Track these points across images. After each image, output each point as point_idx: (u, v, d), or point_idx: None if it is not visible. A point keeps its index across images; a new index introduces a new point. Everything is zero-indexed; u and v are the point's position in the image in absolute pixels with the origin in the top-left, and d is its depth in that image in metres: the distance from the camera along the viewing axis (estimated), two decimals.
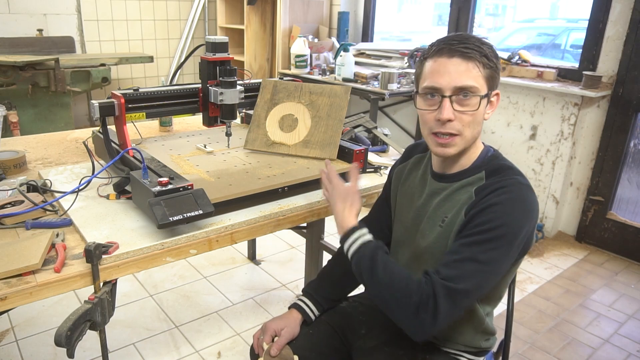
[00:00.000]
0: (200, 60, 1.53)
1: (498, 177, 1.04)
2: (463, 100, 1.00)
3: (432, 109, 1.02)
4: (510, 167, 1.07)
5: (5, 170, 1.47)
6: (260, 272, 2.65)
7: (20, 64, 3.09)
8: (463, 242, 0.99)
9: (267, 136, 1.62)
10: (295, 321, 1.23)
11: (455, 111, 1.00)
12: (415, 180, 1.21)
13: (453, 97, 0.99)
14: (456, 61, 0.99)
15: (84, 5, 3.94)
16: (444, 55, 1.00)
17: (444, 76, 0.99)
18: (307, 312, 1.25)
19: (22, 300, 0.96)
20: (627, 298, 2.52)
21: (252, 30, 4.15)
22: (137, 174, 1.21)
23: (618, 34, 2.69)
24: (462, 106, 1.00)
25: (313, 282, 1.32)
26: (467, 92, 0.99)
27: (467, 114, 1.00)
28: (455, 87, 0.99)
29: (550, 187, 3.04)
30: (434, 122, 1.02)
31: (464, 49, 0.99)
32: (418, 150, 1.26)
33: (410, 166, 1.25)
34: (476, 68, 0.99)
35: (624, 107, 2.75)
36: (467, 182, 1.07)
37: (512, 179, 1.02)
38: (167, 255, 1.14)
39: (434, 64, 1.02)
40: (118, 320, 2.19)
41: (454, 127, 1.01)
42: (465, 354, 1.18)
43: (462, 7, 3.41)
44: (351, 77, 3.35)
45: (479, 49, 1.00)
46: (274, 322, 1.22)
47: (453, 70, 0.99)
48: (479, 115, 1.02)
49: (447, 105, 0.99)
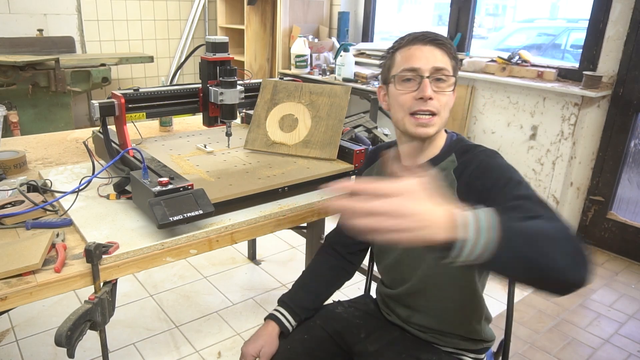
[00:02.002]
0: (201, 60, 1.53)
1: (470, 153, 1.08)
2: (439, 82, 1.05)
3: (410, 90, 1.06)
4: (476, 144, 1.11)
5: (5, 170, 1.47)
6: (260, 272, 2.65)
7: (20, 64, 3.09)
8: (507, 200, 0.93)
9: (267, 136, 1.62)
10: (271, 336, 1.22)
11: (433, 91, 1.04)
12: (386, 178, 1.21)
13: (431, 77, 1.04)
14: (430, 48, 1.05)
15: (84, 5, 3.94)
16: (419, 43, 1.06)
17: (421, 59, 1.05)
18: (283, 322, 1.24)
19: (22, 300, 0.96)
20: (627, 298, 2.52)
21: (252, 30, 4.15)
22: (137, 174, 1.21)
23: (618, 34, 2.69)
24: (439, 87, 1.05)
25: (289, 292, 1.31)
26: (443, 73, 1.05)
27: (445, 94, 1.06)
28: (434, 67, 1.04)
29: (550, 187, 3.04)
30: (412, 102, 1.06)
31: (434, 38, 1.06)
32: (382, 148, 1.28)
33: (378, 168, 1.26)
34: (446, 56, 1.06)
35: (624, 107, 2.75)
36: (442, 167, 1.10)
37: (482, 150, 1.07)
38: (167, 255, 1.14)
39: (409, 51, 1.07)
40: (118, 320, 2.19)
41: (434, 105, 1.05)
42: (466, 352, 1.18)
43: (462, 7, 3.41)
44: (351, 77, 3.35)
45: (448, 40, 1.07)
46: (251, 344, 1.21)
47: (429, 53, 1.05)
48: (452, 99, 1.08)
49: (428, 84, 1.04)
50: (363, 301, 1.39)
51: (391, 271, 1.25)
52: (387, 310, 1.29)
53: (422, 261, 1.13)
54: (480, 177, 1.01)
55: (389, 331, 1.23)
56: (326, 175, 1.47)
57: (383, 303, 1.30)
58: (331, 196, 0.95)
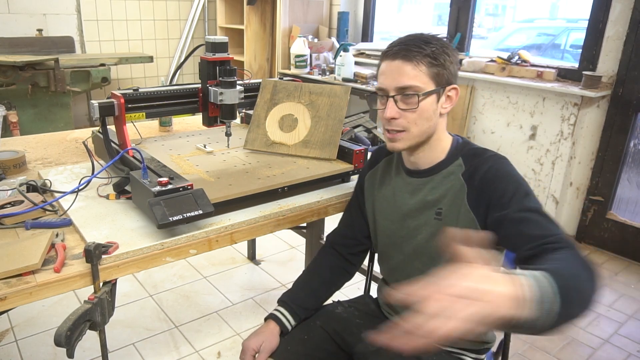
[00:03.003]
0: (200, 60, 1.52)
1: (478, 158, 1.09)
2: (406, 99, 1.05)
3: (382, 108, 1.09)
4: (484, 148, 1.12)
5: (5, 170, 1.47)
6: (260, 272, 2.65)
7: (20, 64, 3.09)
8: (514, 211, 0.98)
9: (267, 136, 1.62)
10: (272, 333, 1.22)
11: (399, 110, 1.06)
12: (391, 181, 1.22)
13: (397, 96, 1.06)
14: (397, 63, 1.05)
15: (83, 5, 3.94)
16: (389, 58, 1.07)
17: (388, 77, 1.07)
18: (283, 322, 1.25)
19: (22, 300, 0.96)
20: (627, 298, 2.52)
21: (252, 30, 4.15)
22: (137, 174, 1.21)
23: (618, 34, 2.69)
24: (407, 104, 1.06)
25: (289, 292, 1.31)
26: (409, 91, 1.04)
27: (410, 112, 1.06)
28: (397, 87, 1.05)
29: (550, 187, 3.04)
30: (384, 120, 1.09)
31: (405, 51, 1.04)
32: (384, 153, 1.29)
33: (381, 170, 1.27)
34: (417, 68, 1.04)
35: (624, 107, 2.75)
36: (449, 172, 1.11)
37: (491, 156, 1.08)
38: (167, 255, 1.14)
39: (383, 66, 1.09)
40: (118, 320, 2.19)
41: (399, 124, 1.07)
42: (467, 352, 1.18)
43: (462, 7, 3.41)
44: (351, 77, 3.35)
45: (421, 49, 1.04)
46: (251, 340, 1.21)
47: (395, 71, 1.05)
48: (424, 111, 1.06)
49: (391, 105, 1.06)
50: (363, 301, 1.39)
51: (396, 272, 1.25)
52: (389, 310, 1.29)
53: (431, 263, 1.13)
54: (489, 183, 1.03)
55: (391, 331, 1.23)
56: (326, 175, 1.47)
57: (386, 303, 1.30)
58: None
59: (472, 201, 1.05)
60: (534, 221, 0.95)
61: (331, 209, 1.43)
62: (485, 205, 1.03)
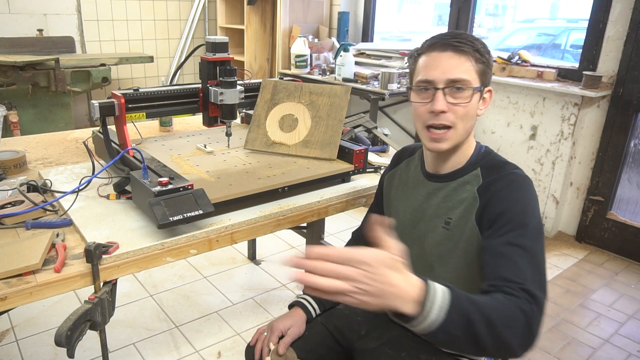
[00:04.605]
0: (200, 60, 1.53)
1: (497, 173, 1.04)
2: (456, 92, 1.01)
3: (425, 102, 1.03)
4: (505, 162, 1.08)
5: (5, 170, 1.47)
6: (260, 272, 2.65)
7: (20, 64, 3.09)
8: (500, 242, 0.95)
9: (267, 136, 1.62)
10: (301, 320, 1.24)
11: (448, 103, 1.01)
12: (409, 183, 1.21)
13: (446, 89, 1.01)
14: (449, 54, 1.01)
15: (84, 5, 3.94)
16: (437, 50, 1.02)
17: (437, 69, 1.01)
18: (309, 309, 1.26)
19: (22, 300, 0.96)
20: (627, 298, 2.52)
21: (252, 30, 4.15)
22: (137, 174, 1.21)
23: (618, 34, 2.69)
24: (455, 98, 1.01)
25: None
26: (460, 84, 1.00)
27: (460, 106, 1.01)
28: (448, 79, 1.00)
29: (550, 187, 3.04)
30: (427, 115, 1.04)
31: (457, 42, 1.01)
32: (407, 154, 1.28)
33: (401, 171, 1.26)
34: (468, 62, 1.01)
35: (624, 107, 2.75)
36: (464, 181, 1.08)
37: (511, 173, 1.04)
38: (167, 255, 1.14)
39: (427, 59, 1.03)
40: (118, 320, 2.19)
41: (448, 118, 1.02)
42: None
43: (462, 7, 3.41)
44: (351, 77, 3.35)
45: (472, 43, 1.01)
46: (281, 321, 1.22)
47: (446, 63, 1.00)
48: (472, 108, 1.03)
49: (440, 97, 1.00)
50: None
51: None
52: None
53: (430, 271, 1.12)
54: (495, 205, 0.99)
55: (390, 329, 1.22)
56: (326, 175, 1.47)
57: None
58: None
59: (478, 217, 1.03)
60: (512, 261, 0.90)
61: (331, 209, 1.43)
62: (486, 226, 1.00)
